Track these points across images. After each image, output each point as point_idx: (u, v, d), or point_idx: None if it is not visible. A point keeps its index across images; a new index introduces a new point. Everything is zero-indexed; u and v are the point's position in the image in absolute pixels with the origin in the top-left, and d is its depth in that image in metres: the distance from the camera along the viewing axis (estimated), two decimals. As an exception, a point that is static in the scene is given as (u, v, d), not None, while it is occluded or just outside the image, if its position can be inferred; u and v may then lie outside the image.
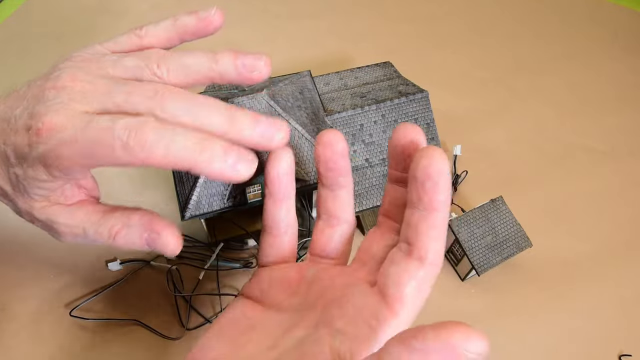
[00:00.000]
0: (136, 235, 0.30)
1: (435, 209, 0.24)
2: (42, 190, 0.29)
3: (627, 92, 0.69)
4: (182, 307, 0.45)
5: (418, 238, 0.25)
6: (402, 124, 0.28)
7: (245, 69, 0.29)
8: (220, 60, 0.29)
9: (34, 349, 0.42)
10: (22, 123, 0.27)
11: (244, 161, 0.26)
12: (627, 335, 0.45)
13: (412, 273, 0.24)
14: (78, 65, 0.28)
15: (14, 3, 0.80)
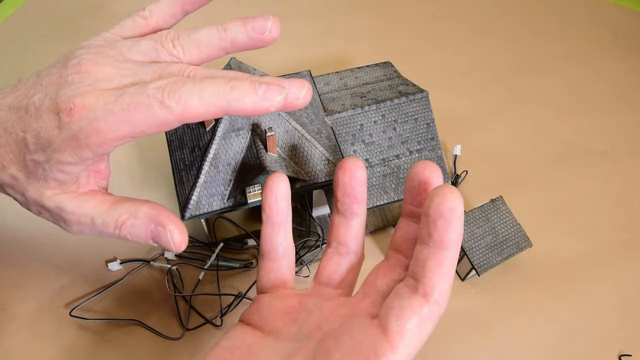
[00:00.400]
0: (142, 227, 0.30)
1: (445, 248, 0.24)
2: (63, 174, 0.29)
3: (627, 92, 0.69)
4: (182, 307, 0.45)
5: (425, 275, 0.24)
6: (421, 161, 0.28)
7: (255, 32, 0.30)
8: (228, 28, 0.30)
9: (34, 349, 0.42)
10: (45, 107, 0.27)
11: (274, 89, 0.27)
12: (627, 335, 0.45)
13: (416, 309, 0.24)
14: (95, 51, 0.29)
15: (14, 3, 0.80)
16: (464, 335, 0.45)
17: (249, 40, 0.30)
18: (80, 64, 0.28)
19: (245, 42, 0.30)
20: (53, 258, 0.48)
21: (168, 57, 0.30)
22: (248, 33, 0.30)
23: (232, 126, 0.38)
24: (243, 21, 0.30)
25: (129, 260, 0.48)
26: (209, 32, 0.30)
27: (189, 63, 0.30)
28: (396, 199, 0.46)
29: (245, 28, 0.30)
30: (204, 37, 0.30)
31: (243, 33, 0.30)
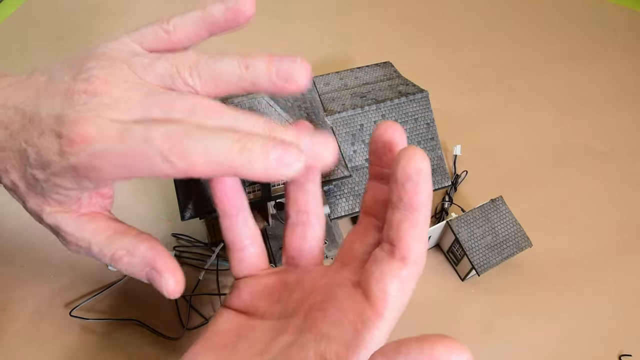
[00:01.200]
0: (138, 267, 0.29)
1: (416, 209, 0.24)
2: (62, 196, 0.28)
3: (627, 92, 0.69)
4: (182, 307, 0.45)
5: (400, 238, 0.24)
6: (384, 122, 0.27)
7: (279, 78, 0.27)
8: (251, 65, 0.27)
9: (34, 349, 0.42)
10: (48, 126, 0.26)
11: (290, 153, 0.24)
12: (627, 335, 0.45)
13: (395, 273, 0.24)
14: (108, 66, 0.27)
15: (14, 3, 0.80)
16: (464, 335, 0.45)
17: (271, 85, 0.27)
18: (90, 80, 0.26)
19: (267, 86, 0.27)
20: (53, 258, 0.48)
21: (183, 86, 0.27)
22: (271, 78, 0.27)
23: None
24: (268, 60, 0.27)
25: (129, 260, 0.48)
26: (230, 67, 0.27)
27: (205, 94, 0.28)
28: (396, 199, 0.46)
29: (270, 70, 0.27)
30: (224, 72, 0.27)
31: (266, 77, 0.27)
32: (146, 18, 0.75)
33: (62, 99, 0.26)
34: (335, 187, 0.45)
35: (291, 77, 0.27)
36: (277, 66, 0.27)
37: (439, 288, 0.48)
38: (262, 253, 0.33)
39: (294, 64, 0.27)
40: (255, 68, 0.27)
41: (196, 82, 0.27)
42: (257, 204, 0.42)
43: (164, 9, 0.78)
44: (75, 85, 0.26)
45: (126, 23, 0.76)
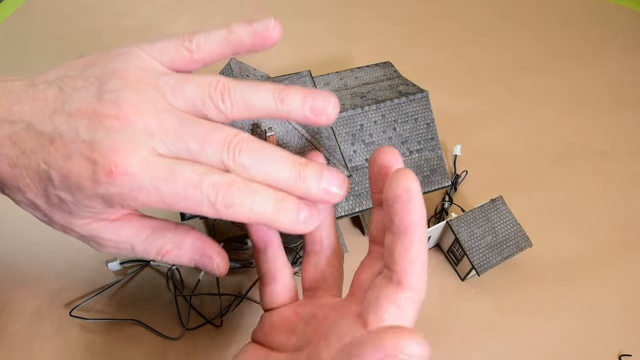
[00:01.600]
0: (186, 257, 0.31)
1: (408, 231, 0.24)
2: (92, 214, 0.27)
3: (627, 92, 0.69)
4: (182, 307, 0.45)
5: (395, 262, 0.24)
6: (381, 147, 0.29)
7: (313, 113, 0.28)
8: (286, 100, 0.28)
9: (34, 349, 0.42)
10: (78, 151, 0.25)
11: (312, 218, 0.28)
12: (627, 335, 0.45)
13: (392, 298, 0.24)
14: (135, 89, 0.26)
15: (14, 3, 0.80)
16: (464, 335, 0.45)
17: (303, 118, 0.28)
18: (119, 105, 0.25)
19: (299, 119, 0.28)
20: (53, 258, 0.48)
21: (213, 112, 0.27)
22: (305, 112, 0.28)
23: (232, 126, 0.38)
24: (303, 97, 0.28)
25: (129, 261, 0.48)
26: (265, 98, 0.27)
27: (231, 120, 0.28)
28: (396, 199, 0.46)
29: (304, 106, 0.28)
30: (257, 102, 0.27)
31: (300, 111, 0.28)
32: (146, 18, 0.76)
33: (88, 122, 0.25)
34: (335, 187, 0.45)
35: (324, 112, 0.28)
36: (311, 103, 0.28)
37: (439, 288, 0.48)
38: (291, 287, 0.33)
39: (328, 103, 0.28)
40: (290, 102, 0.28)
41: (227, 107, 0.27)
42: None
43: (164, 9, 0.78)
44: (103, 108, 0.25)
45: (126, 24, 0.76)
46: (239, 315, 0.45)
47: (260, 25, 0.29)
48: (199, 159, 0.26)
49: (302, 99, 0.28)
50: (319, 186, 0.27)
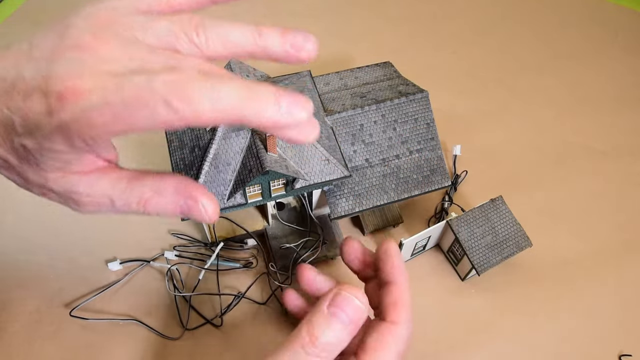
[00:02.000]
0: (170, 203, 0.28)
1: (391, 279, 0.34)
2: (58, 162, 0.26)
3: (627, 92, 0.69)
4: (182, 307, 0.45)
5: (381, 303, 0.33)
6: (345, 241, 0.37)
7: (294, 48, 0.27)
8: (264, 34, 0.26)
9: (34, 349, 0.42)
10: (34, 86, 0.24)
11: (298, 103, 0.24)
12: (627, 335, 0.45)
13: (374, 327, 0.32)
14: (100, 25, 0.25)
15: (14, 3, 0.80)
16: (464, 335, 0.45)
17: (284, 54, 0.27)
18: (79, 37, 0.24)
19: (279, 54, 0.27)
20: (53, 258, 0.48)
21: (187, 46, 0.26)
22: (285, 47, 0.27)
23: (232, 126, 0.38)
24: (282, 33, 0.27)
25: (129, 260, 0.48)
26: (241, 32, 0.26)
27: (208, 57, 0.26)
28: (396, 199, 0.46)
29: (284, 41, 0.27)
30: (234, 36, 0.26)
31: (279, 45, 0.27)
32: (146, 18, 0.73)
33: (49, 60, 0.24)
34: (335, 187, 0.45)
35: (303, 48, 0.27)
36: (292, 39, 0.27)
37: (439, 288, 0.48)
38: None
39: (308, 40, 0.28)
40: (268, 37, 0.27)
41: (202, 41, 0.26)
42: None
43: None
44: (63, 42, 0.24)
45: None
46: (238, 315, 0.45)
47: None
48: (150, 59, 0.24)
49: (282, 34, 0.27)
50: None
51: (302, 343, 0.29)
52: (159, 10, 0.28)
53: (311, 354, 0.29)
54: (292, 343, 0.30)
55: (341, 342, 0.30)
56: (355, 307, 0.30)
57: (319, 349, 0.29)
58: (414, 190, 0.46)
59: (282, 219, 0.49)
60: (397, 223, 0.51)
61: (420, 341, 0.44)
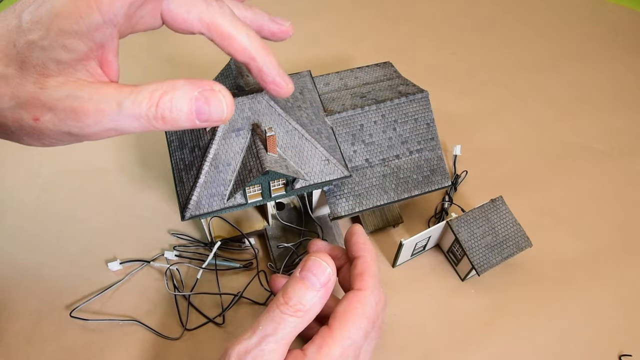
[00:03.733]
0: (184, 97, 0.26)
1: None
2: (66, 52, 0.24)
3: (627, 92, 0.69)
4: (182, 307, 0.45)
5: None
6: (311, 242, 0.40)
7: (276, 22, 0.35)
8: (253, 7, 0.34)
9: (34, 349, 0.42)
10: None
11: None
12: (627, 335, 0.45)
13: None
14: None
15: (14, 3, 0.80)
16: (464, 335, 0.45)
17: (270, 22, 0.34)
18: None
19: (262, 25, 0.34)
20: (53, 258, 0.48)
21: None
22: (270, 19, 0.34)
23: (232, 126, 0.38)
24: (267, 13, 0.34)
25: (129, 260, 0.48)
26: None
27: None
28: (396, 199, 0.46)
29: (269, 16, 0.34)
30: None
31: (267, 18, 0.34)
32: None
33: None
34: (335, 188, 0.45)
35: (284, 23, 0.35)
36: (274, 18, 0.35)
37: (439, 288, 0.48)
38: None
39: (286, 21, 0.36)
40: (256, 11, 0.35)
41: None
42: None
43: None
44: None
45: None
46: (237, 313, 0.45)
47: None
48: None
49: (266, 14, 0.35)
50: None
51: (278, 304, 0.33)
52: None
53: (285, 312, 0.32)
54: (270, 306, 0.33)
55: (313, 302, 0.33)
56: (322, 268, 0.33)
57: (293, 309, 0.32)
58: (414, 190, 0.46)
59: (282, 219, 0.49)
60: (397, 223, 0.51)
61: (420, 341, 0.44)
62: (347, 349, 0.32)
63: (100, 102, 0.25)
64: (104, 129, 0.26)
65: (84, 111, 0.25)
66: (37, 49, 0.24)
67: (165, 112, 0.26)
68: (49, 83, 0.25)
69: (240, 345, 0.32)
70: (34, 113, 0.25)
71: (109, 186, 0.54)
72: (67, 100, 0.25)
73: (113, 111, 0.25)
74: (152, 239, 0.50)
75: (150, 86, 0.26)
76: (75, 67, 0.25)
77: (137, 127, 0.26)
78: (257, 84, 0.42)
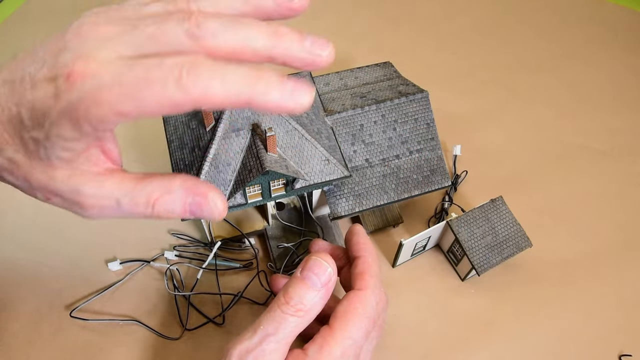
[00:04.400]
0: (178, 201, 0.28)
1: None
2: (67, 152, 0.26)
3: (627, 92, 0.69)
4: (182, 307, 0.45)
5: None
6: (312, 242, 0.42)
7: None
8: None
9: (34, 349, 0.42)
10: (41, 76, 0.25)
11: (301, 88, 0.24)
12: (627, 335, 0.45)
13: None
14: (95, 13, 0.26)
15: (14, 3, 0.80)
16: (464, 335, 0.45)
17: (276, 6, 0.27)
18: (79, 27, 0.25)
19: (272, 7, 0.27)
20: (53, 258, 0.48)
21: (179, 19, 0.26)
22: (277, 2, 0.27)
23: (232, 126, 0.38)
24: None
25: (129, 260, 0.48)
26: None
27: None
28: (396, 199, 0.46)
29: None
30: (224, 1, 0.26)
31: (272, 2, 0.27)
32: (146, 18, 0.72)
33: (53, 54, 0.25)
34: (335, 188, 0.45)
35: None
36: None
37: (439, 288, 0.48)
38: None
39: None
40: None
41: (193, 9, 0.26)
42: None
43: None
44: (65, 36, 0.25)
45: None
46: (237, 314, 0.45)
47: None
48: (164, 49, 0.24)
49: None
50: (302, 44, 0.25)
51: (279, 304, 0.33)
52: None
53: (287, 312, 0.32)
54: (272, 306, 0.33)
55: (314, 301, 0.33)
56: (323, 267, 0.34)
57: (294, 308, 0.32)
58: (413, 191, 0.46)
59: (282, 219, 0.49)
60: (397, 223, 0.51)
61: (421, 341, 0.44)
62: (348, 349, 0.32)
63: (102, 199, 0.28)
64: (106, 216, 0.29)
65: (87, 205, 0.28)
66: (41, 147, 0.26)
67: (161, 212, 0.28)
68: (56, 175, 0.27)
69: (241, 345, 0.32)
70: (45, 195, 0.28)
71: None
72: (72, 194, 0.28)
73: (113, 207, 0.28)
74: (152, 239, 0.50)
75: (148, 187, 0.28)
76: (77, 160, 0.27)
77: (137, 217, 0.28)
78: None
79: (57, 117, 0.24)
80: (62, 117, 0.24)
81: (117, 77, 0.23)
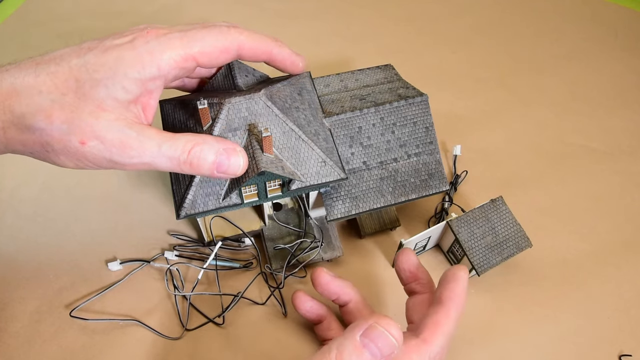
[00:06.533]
0: (211, 151, 0.33)
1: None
2: (124, 92, 0.31)
3: (628, 92, 0.69)
4: (182, 307, 0.45)
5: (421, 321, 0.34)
6: (402, 251, 0.40)
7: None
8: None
9: (34, 349, 0.42)
10: (112, 39, 0.32)
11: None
12: (627, 335, 0.45)
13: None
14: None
15: (14, 3, 0.80)
16: (464, 335, 0.45)
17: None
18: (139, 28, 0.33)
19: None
20: (53, 258, 0.48)
21: None
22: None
23: (228, 126, 0.38)
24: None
25: (129, 260, 0.48)
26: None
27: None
28: (393, 202, 0.46)
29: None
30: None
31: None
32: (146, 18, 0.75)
33: (132, 27, 0.34)
34: (331, 189, 0.45)
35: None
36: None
37: (438, 288, 0.48)
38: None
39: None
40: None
41: None
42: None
43: (164, 8, 0.78)
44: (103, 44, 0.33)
45: (126, 23, 0.76)
46: (238, 314, 0.45)
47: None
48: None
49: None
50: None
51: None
52: None
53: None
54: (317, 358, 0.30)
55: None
56: (389, 343, 0.30)
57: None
58: (411, 194, 0.46)
59: (279, 220, 0.49)
60: (394, 226, 0.51)
61: (420, 341, 0.44)
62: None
63: (145, 141, 0.31)
64: (142, 162, 0.32)
65: (130, 145, 0.31)
66: (101, 86, 0.30)
67: (194, 159, 0.33)
68: (103, 116, 0.30)
69: None
70: (82, 137, 0.30)
71: (109, 186, 0.54)
72: (117, 134, 0.31)
73: (154, 150, 0.32)
74: (152, 239, 0.50)
75: (186, 137, 0.33)
76: (126, 108, 0.32)
77: (168, 166, 0.33)
78: (255, 85, 0.42)
79: (130, 60, 0.30)
80: (136, 59, 0.30)
81: (183, 30, 0.33)
